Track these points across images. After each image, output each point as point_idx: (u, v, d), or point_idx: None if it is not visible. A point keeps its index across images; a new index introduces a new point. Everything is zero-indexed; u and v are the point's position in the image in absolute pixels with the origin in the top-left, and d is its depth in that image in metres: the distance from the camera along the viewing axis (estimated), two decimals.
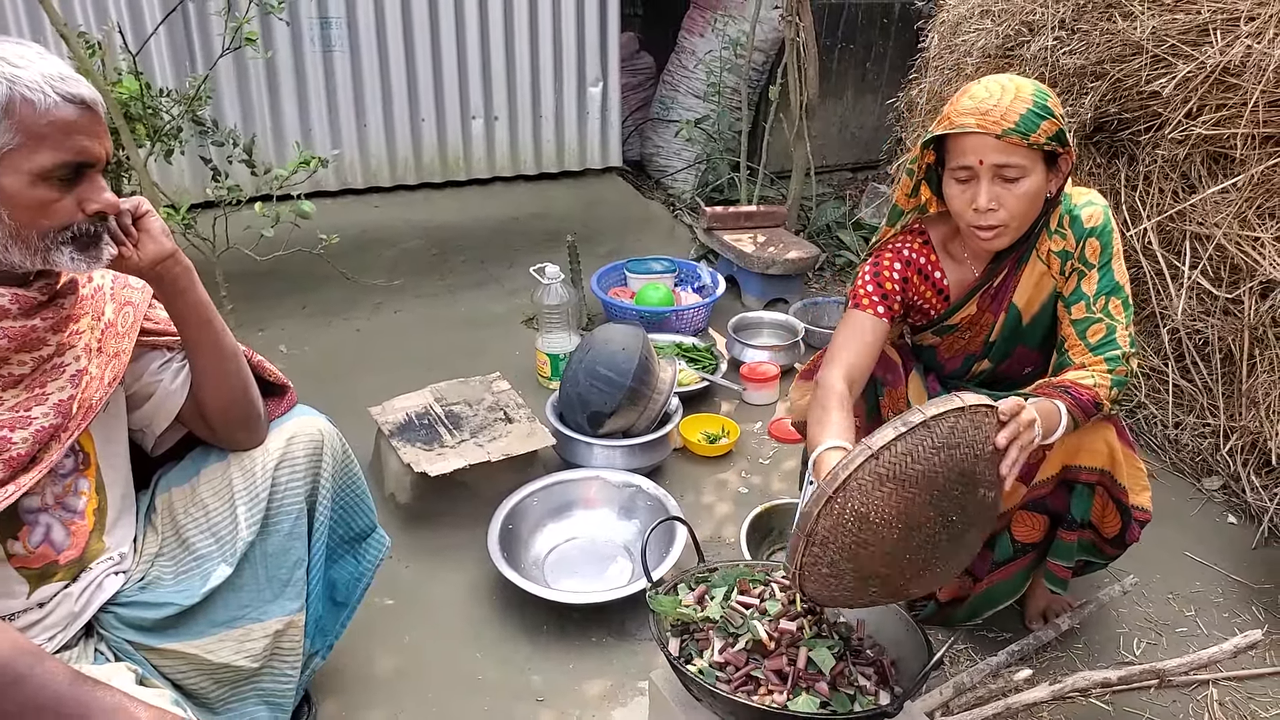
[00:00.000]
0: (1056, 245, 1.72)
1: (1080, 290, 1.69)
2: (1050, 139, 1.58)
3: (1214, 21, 2.32)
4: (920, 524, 1.29)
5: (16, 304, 1.19)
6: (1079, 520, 1.72)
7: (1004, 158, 1.57)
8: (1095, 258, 1.68)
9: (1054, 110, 1.58)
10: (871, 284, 1.78)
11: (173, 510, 1.49)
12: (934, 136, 1.64)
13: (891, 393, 1.88)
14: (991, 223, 1.63)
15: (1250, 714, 1.79)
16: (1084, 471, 1.69)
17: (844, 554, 1.29)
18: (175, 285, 1.35)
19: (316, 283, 3.41)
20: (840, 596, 1.37)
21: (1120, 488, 1.70)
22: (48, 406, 1.25)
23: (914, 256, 1.80)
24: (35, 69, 1.12)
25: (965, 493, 1.32)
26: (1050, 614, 1.98)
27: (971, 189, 1.62)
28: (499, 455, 2.22)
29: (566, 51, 4.13)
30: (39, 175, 1.12)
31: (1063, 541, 1.75)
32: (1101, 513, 1.73)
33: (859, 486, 1.25)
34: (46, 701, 1.05)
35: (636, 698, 1.80)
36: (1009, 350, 1.83)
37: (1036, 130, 1.56)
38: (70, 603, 1.33)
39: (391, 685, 1.82)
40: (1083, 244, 1.69)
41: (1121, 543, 1.76)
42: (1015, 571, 1.82)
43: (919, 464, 1.26)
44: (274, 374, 1.57)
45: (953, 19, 3.16)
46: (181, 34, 3.36)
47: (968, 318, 1.82)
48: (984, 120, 1.56)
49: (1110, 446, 1.68)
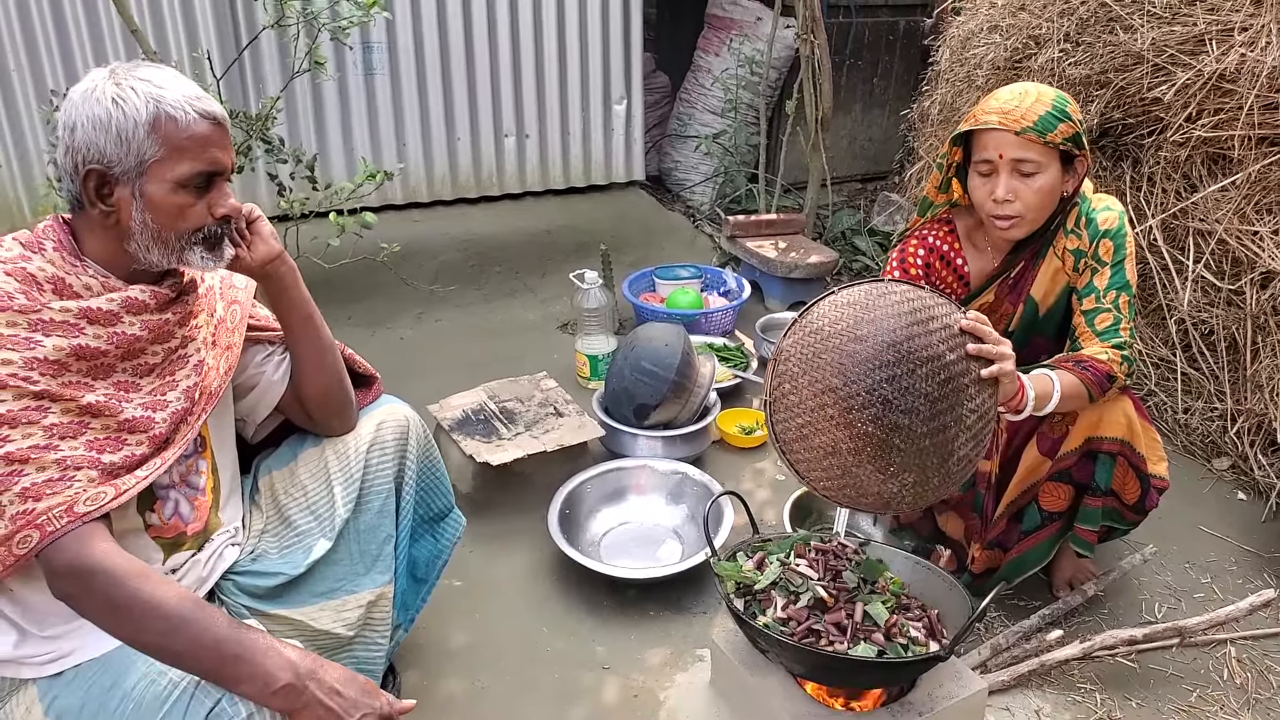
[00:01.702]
0: (1072, 244, 1.88)
1: (1093, 284, 1.85)
2: (1066, 140, 1.74)
3: (1210, 32, 2.49)
4: (863, 338, 1.46)
5: (154, 299, 1.33)
6: (1103, 488, 1.86)
7: (1021, 153, 1.74)
8: (1108, 256, 1.85)
9: (1072, 115, 1.75)
10: (897, 268, 1.97)
11: (274, 491, 1.62)
12: (962, 134, 1.82)
13: None
14: (1008, 213, 1.80)
15: (1266, 668, 1.93)
16: (1106, 442, 1.84)
17: (800, 364, 1.48)
18: (282, 283, 1.49)
19: (360, 294, 3.58)
20: (801, 426, 1.50)
21: (1139, 456, 1.85)
22: (178, 392, 1.39)
23: (937, 243, 1.97)
24: (176, 90, 1.27)
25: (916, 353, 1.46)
26: (1076, 582, 2.11)
27: (991, 181, 1.80)
28: (554, 446, 2.38)
29: (592, 72, 4.32)
30: (179, 183, 1.27)
31: (1089, 508, 1.89)
32: (1123, 481, 1.88)
33: (819, 310, 1.51)
34: (209, 642, 1.19)
35: (696, 664, 1.94)
36: (1027, 340, 1.99)
37: (1054, 130, 1.73)
38: (199, 569, 1.47)
39: (466, 657, 1.96)
40: (1096, 244, 1.85)
41: (1142, 509, 1.91)
42: (1043, 539, 1.96)
43: (870, 302, 1.50)
44: (364, 366, 1.71)
45: (963, 33, 3.33)
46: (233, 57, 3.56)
47: (986, 305, 1.97)
48: (1005, 118, 1.74)
49: (1129, 418, 1.84)
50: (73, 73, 3.40)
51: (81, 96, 1.25)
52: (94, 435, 1.25)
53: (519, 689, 1.88)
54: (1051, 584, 2.14)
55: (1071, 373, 1.76)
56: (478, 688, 1.88)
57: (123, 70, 1.27)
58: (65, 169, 1.27)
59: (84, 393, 1.25)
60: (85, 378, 1.26)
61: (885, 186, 4.97)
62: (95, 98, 1.24)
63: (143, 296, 1.32)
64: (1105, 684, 1.88)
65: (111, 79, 1.25)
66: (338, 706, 1.22)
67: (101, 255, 1.30)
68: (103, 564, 1.18)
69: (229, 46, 3.58)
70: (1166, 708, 1.84)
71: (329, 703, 1.21)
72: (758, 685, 1.61)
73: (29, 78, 3.37)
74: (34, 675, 1.28)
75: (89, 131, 1.23)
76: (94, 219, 1.29)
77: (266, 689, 1.19)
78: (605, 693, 1.87)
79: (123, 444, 1.28)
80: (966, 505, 2.07)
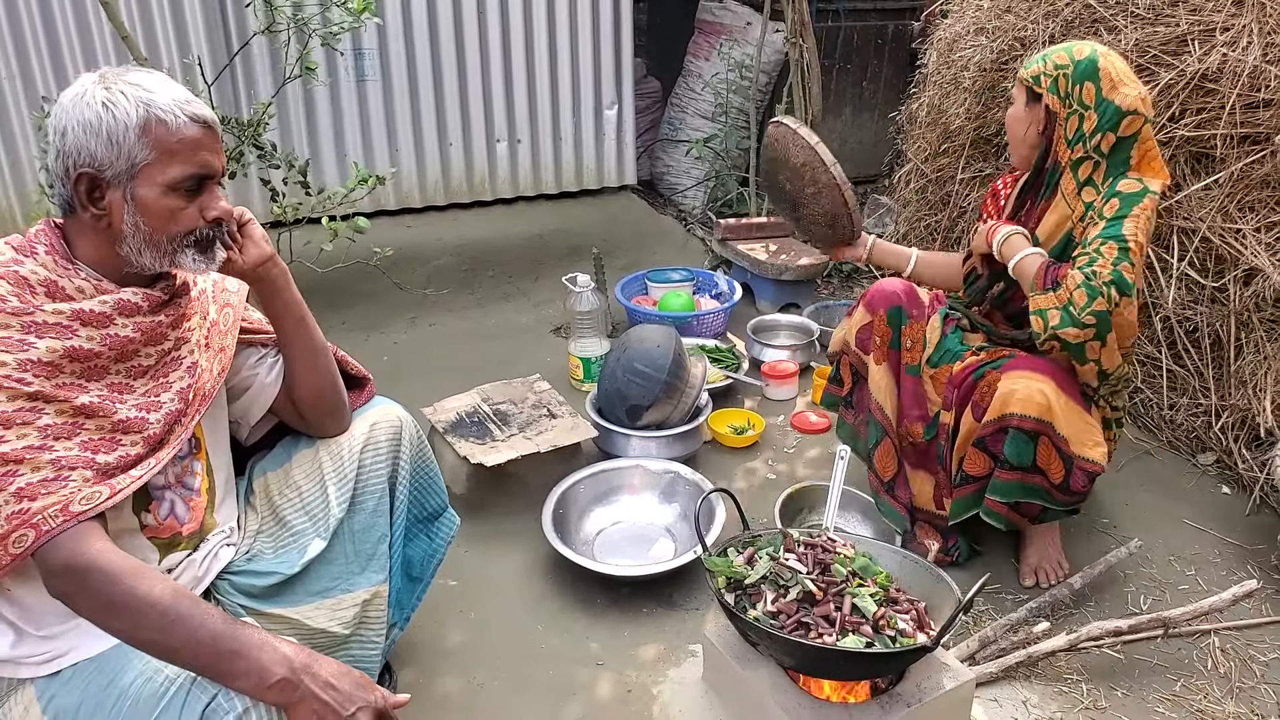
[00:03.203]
0: (1088, 196, 1.97)
1: (1088, 235, 1.91)
2: (1033, 79, 2.00)
3: (1192, 33, 2.53)
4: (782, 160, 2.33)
5: (147, 301, 1.35)
6: (1013, 462, 1.93)
7: (1014, 91, 2.09)
8: (1112, 211, 1.90)
9: (1055, 61, 1.98)
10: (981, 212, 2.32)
11: (269, 492, 1.64)
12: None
13: (913, 325, 2.19)
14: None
15: (1250, 658, 1.95)
16: (1016, 418, 1.90)
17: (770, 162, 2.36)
18: (274, 285, 1.51)
19: (354, 299, 3.60)
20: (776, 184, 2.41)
21: (1061, 437, 1.89)
22: (172, 393, 1.40)
23: (1000, 185, 2.27)
24: (166, 94, 1.28)
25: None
26: (1042, 572, 2.15)
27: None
28: (547, 446, 2.40)
29: (584, 77, 4.35)
30: (170, 186, 1.29)
31: (999, 480, 1.96)
32: (1047, 460, 1.92)
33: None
34: (204, 637, 1.20)
35: (688, 659, 1.96)
36: None
37: (1029, 70, 2.03)
38: (194, 568, 1.48)
39: (462, 655, 1.98)
40: (1106, 201, 1.92)
41: (1068, 489, 1.94)
42: (966, 494, 2.06)
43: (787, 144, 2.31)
44: (356, 367, 1.72)
45: (949, 36, 3.37)
46: (224, 63, 3.58)
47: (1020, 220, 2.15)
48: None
49: (1047, 399, 1.88)
50: (63, 79, 3.41)
51: (71, 101, 1.26)
52: (88, 436, 1.26)
53: (514, 686, 1.90)
54: (1018, 571, 2.19)
55: (1040, 260, 1.95)
56: (473, 685, 1.90)
57: (112, 75, 1.28)
58: (56, 173, 1.29)
59: (78, 394, 1.26)
60: (79, 379, 1.27)
61: (875, 189, 4.99)
62: (85, 102, 1.25)
63: (135, 299, 1.33)
64: (1091, 675, 1.91)
65: (101, 83, 1.27)
66: (333, 700, 1.23)
67: (93, 259, 1.31)
68: (98, 562, 1.20)
69: (220, 53, 3.60)
70: (1152, 697, 1.86)
71: (324, 696, 1.22)
72: (749, 678, 1.63)
73: (20, 84, 3.39)
74: (31, 675, 1.29)
75: (79, 135, 1.24)
76: (86, 223, 1.30)
77: (262, 683, 1.20)
78: (599, 689, 1.89)
79: (117, 444, 1.29)
80: (932, 459, 2.17)
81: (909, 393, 2.20)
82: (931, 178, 3.52)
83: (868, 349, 2.22)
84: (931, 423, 2.17)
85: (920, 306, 2.23)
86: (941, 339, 2.19)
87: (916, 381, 2.20)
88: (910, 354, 2.21)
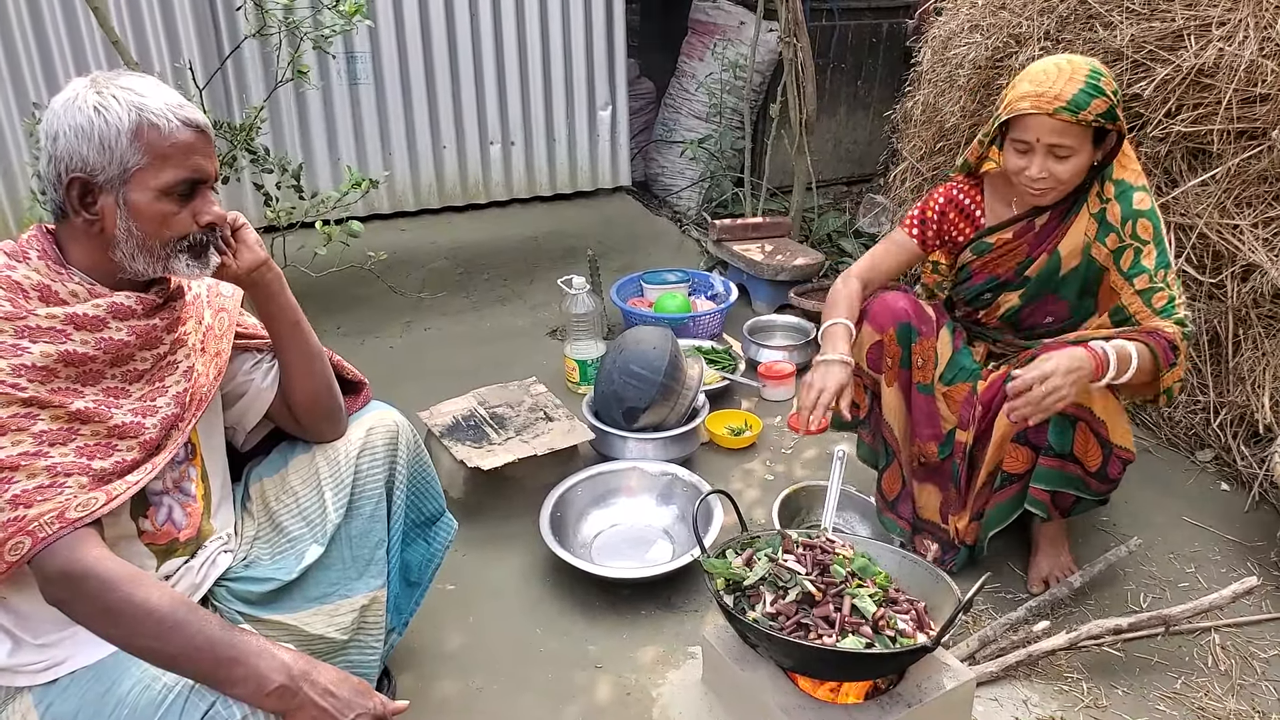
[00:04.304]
0: (1094, 207, 1.96)
1: (1141, 264, 1.92)
2: (1100, 115, 1.80)
3: (1188, 28, 2.52)
4: None
5: (141, 305, 1.34)
6: (1056, 449, 1.91)
7: (1056, 138, 1.83)
8: (1148, 234, 1.92)
9: (1105, 89, 1.81)
10: (918, 211, 2.14)
11: (265, 498, 1.63)
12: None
13: (923, 342, 2.11)
14: (1042, 186, 1.90)
15: (1250, 655, 1.95)
16: None
17: None
18: (268, 290, 1.50)
19: (349, 304, 3.59)
20: None
21: (1099, 421, 1.88)
22: (169, 398, 1.39)
23: (960, 196, 2.13)
24: (158, 98, 1.28)
25: None
26: (1053, 579, 2.12)
27: (1027, 159, 1.89)
28: (544, 449, 2.39)
29: (577, 79, 4.34)
30: (162, 191, 1.28)
31: (1043, 468, 1.94)
32: (1084, 446, 1.91)
33: None
34: (202, 645, 1.20)
35: (688, 661, 1.95)
36: (1040, 293, 2.06)
37: (1087, 108, 1.79)
38: (192, 575, 1.47)
39: (461, 659, 1.97)
40: (1134, 223, 1.92)
41: (1105, 476, 1.93)
42: (1004, 500, 2.02)
43: None
44: (352, 372, 1.71)
45: (944, 34, 3.36)
46: (215, 67, 3.56)
47: (1003, 241, 2.06)
48: (1039, 101, 1.81)
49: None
50: (54, 85, 3.39)
51: (63, 105, 1.25)
52: (84, 441, 1.26)
53: (513, 690, 1.89)
54: (1027, 579, 2.16)
55: (1141, 341, 1.85)
56: (472, 689, 1.89)
57: (104, 79, 1.27)
58: (49, 178, 1.28)
59: (73, 399, 1.25)
60: (74, 384, 1.27)
61: (870, 188, 5.00)
62: (77, 106, 1.24)
63: (129, 302, 1.32)
64: (1092, 673, 1.90)
65: (93, 87, 1.26)
66: (331, 707, 1.22)
67: (86, 264, 1.31)
68: (95, 569, 1.19)
69: (211, 57, 3.58)
70: (1152, 695, 1.86)
71: (323, 704, 1.22)
72: (748, 680, 1.62)
73: (10, 90, 3.37)
74: (28, 683, 1.29)
75: (71, 140, 1.24)
76: (78, 228, 1.29)
77: (260, 691, 1.20)
78: (599, 691, 1.88)
79: (113, 450, 1.29)
80: (944, 476, 2.13)
81: (921, 411, 2.13)
82: (927, 176, 3.51)
83: (880, 369, 2.14)
84: (946, 441, 2.12)
85: (929, 322, 2.13)
86: (954, 355, 2.14)
87: (929, 400, 2.13)
88: (921, 372, 2.12)
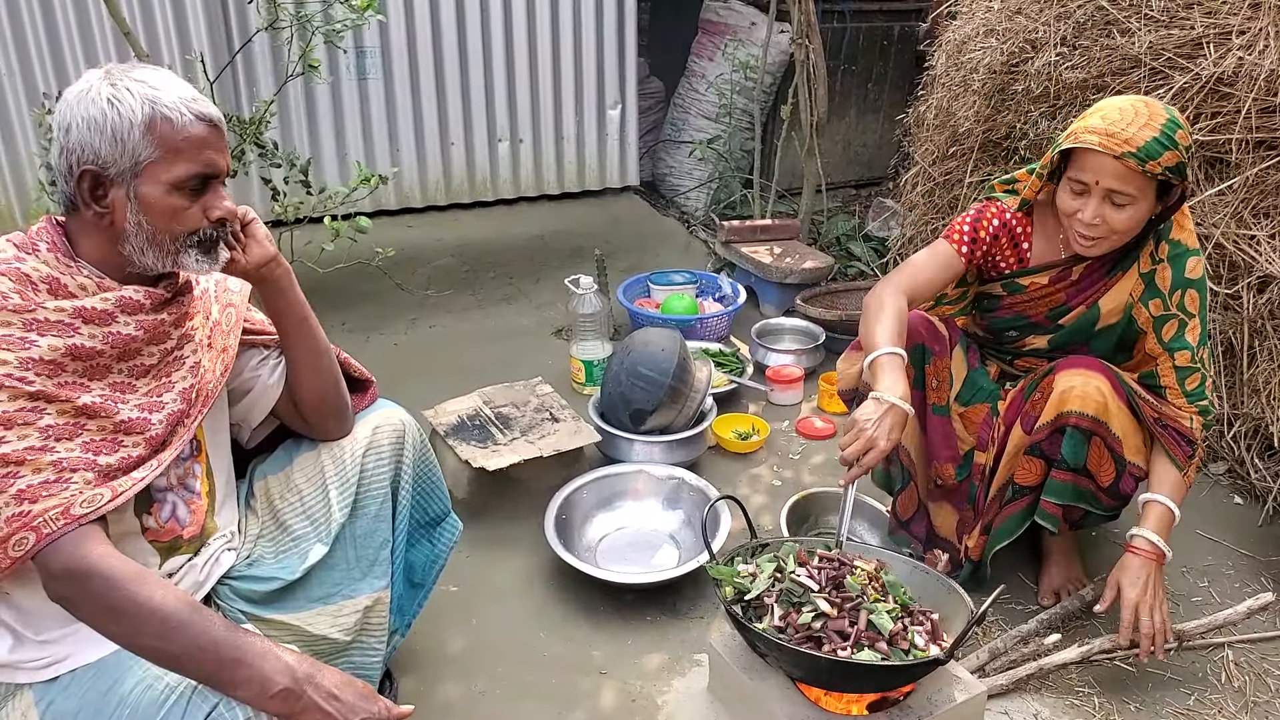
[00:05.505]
0: (1145, 266, 1.89)
1: (1185, 340, 1.86)
2: (1169, 169, 1.69)
3: (1207, 35, 2.50)
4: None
5: (149, 299, 1.33)
6: (1070, 463, 1.86)
7: (1117, 184, 1.71)
8: (1195, 308, 1.86)
9: (1180, 142, 1.69)
10: (970, 226, 1.98)
11: (269, 496, 1.62)
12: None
13: (937, 362, 2.04)
14: (1092, 235, 1.80)
15: (1264, 671, 1.93)
16: (1074, 416, 1.83)
17: None
18: (277, 285, 1.49)
19: (355, 300, 3.57)
20: None
21: (1115, 437, 1.84)
22: (175, 394, 1.38)
23: (1011, 221, 1.98)
24: (172, 91, 1.26)
25: None
26: (1064, 592, 2.09)
27: (1081, 201, 1.78)
28: (550, 451, 2.37)
29: (586, 76, 4.31)
30: (174, 185, 1.27)
31: (1055, 481, 1.89)
32: (1098, 461, 1.87)
33: None
34: (206, 645, 1.18)
35: (693, 669, 1.93)
36: (1071, 341, 2.01)
37: (1156, 159, 1.67)
38: (195, 573, 1.46)
39: (463, 662, 1.95)
40: (1184, 293, 1.85)
41: (1117, 493, 1.90)
42: (1014, 512, 1.97)
43: None
44: (359, 369, 1.70)
45: (958, 38, 3.34)
46: (225, 61, 3.55)
47: (1037, 285, 1.98)
48: (1107, 141, 1.68)
49: (1104, 396, 1.83)
50: (64, 76, 3.38)
51: (76, 97, 1.24)
52: (90, 437, 1.24)
53: (516, 694, 1.87)
54: (1038, 591, 2.14)
55: (1161, 442, 1.86)
56: (475, 693, 1.87)
57: (118, 71, 1.26)
58: (60, 170, 1.27)
59: (80, 393, 1.24)
60: (81, 378, 1.25)
61: (880, 192, 4.98)
62: (90, 98, 1.23)
63: (137, 296, 1.31)
64: (1104, 688, 1.88)
65: (107, 79, 1.25)
66: (335, 711, 1.21)
67: (96, 257, 1.29)
68: (99, 567, 1.17)
69: (221, 50, 3.57)
70: (1165, 711, 1.83)
71: (326, 707, 1.21)
72: (756, 689, 1.60)
73: (20, 81, 3.36)
74: (29, 680, 1.28)
75: (84, 132, 1.23)
76: (88, 221, 1.28)
77: (264, 693, 1.18)
78: (603, 698, 1.86)
79: (119, 445, 1.27)
80: (961, 496, 2.09)
81: (938, 433, 2.06)
82: (939, 181, 3.49)
83: None
84: (964, 463, 2.07)
85: (942, 341, 2.04)
86: (969, 374, 2.09)
87: (945, 421, 2.06)
88: (937, 394, 2.05)
